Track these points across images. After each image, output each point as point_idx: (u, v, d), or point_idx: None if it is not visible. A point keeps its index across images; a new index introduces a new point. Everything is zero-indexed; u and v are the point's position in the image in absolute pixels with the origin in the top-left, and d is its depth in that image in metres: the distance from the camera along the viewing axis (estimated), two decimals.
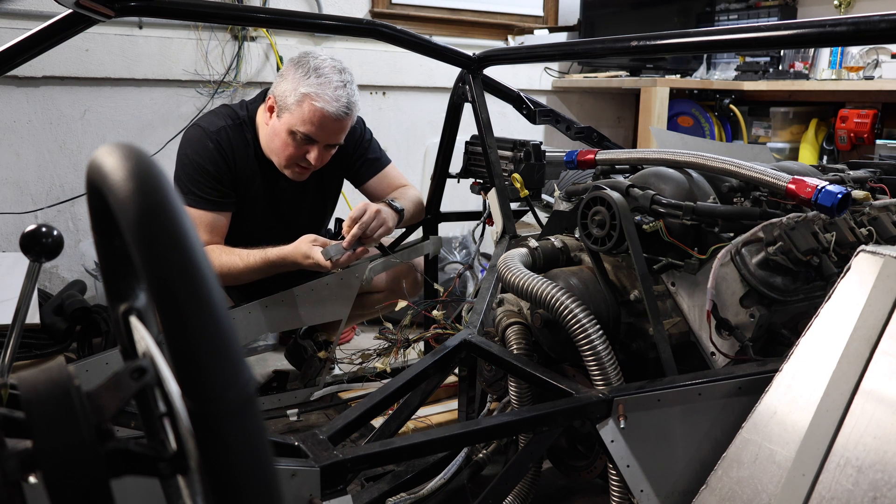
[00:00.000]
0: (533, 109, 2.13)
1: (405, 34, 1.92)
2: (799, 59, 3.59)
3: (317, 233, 1.93)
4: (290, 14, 2.21)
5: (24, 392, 0.41)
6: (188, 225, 0.42)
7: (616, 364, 1.27)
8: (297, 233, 1.92)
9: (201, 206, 1.92)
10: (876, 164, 1.89)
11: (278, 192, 2.06)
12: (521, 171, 1.95)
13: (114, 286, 0.58)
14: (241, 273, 1.91)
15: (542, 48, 2.62)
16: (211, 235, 1.95)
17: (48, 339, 2.19)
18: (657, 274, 1.40)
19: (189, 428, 0.40)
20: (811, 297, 1.36)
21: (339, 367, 2.25)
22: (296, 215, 2.14)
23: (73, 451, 0.40)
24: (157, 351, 0.48)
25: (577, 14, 3.78)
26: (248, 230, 2.05)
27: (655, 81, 3.37)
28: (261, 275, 1.93)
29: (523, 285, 1.32)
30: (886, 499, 0.90)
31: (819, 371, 1.03)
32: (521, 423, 1.23)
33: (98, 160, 0.46)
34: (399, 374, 1.36)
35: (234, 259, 1.90)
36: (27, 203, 2.68)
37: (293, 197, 2.10)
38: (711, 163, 1.42)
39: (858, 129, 3.24)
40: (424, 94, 3.42)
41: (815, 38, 1.30)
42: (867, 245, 1.10)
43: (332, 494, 1.03)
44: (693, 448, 1.23)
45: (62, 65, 2.62)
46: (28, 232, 0.96)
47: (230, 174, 1.96)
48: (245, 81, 2.96)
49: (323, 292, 2.00)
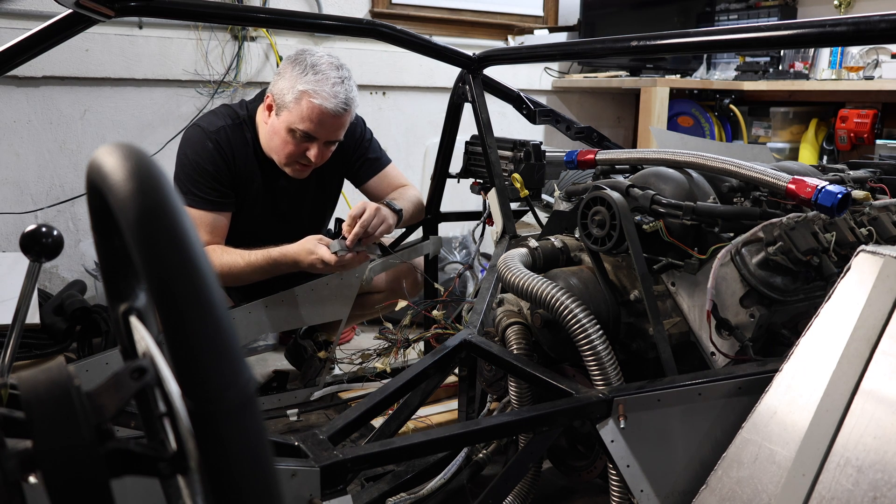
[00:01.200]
0: (533, 109, 2.13)
1: (405, 34, 1.92)
2: (799, 59, 3.59)
3: (317, 232, 1.93)
4: (290, 14, 2.21)
5: (24, 392, 0.41)
6: (188, 225, 0.42)
7: (616, 364, 1.27)
8: (297, 232, 1.92)
9: (201, 207, 1.92)
10: (876, 164, 1.89)
11: (278, 191, 2.06)
12: (521, 171, 1.95)
13: (114, 286, 0.57)
14: (243, 272, 1.90)
15: (542, 48, 2.62)
16: (211, 236, 1.94)
17: (48, 339, 2.19)
18: (657, 274, 1.40)
19: (189, 428, 0.40)
20: (811, 297, 1.36)
21: (339, 367, 2.25)
22: (296, 215, 2.14)
23: (73, 452, 0.40)
24: (157, 351, 0.48)
25: (577, 14, 3.78)
26: (248, 230, 2.04)
27: (655, 81, 3.37)
28: (263, 275, 1.92)
29: (523, 285, 1.32)
30: (886, 499, 0.90)
31: (819, 371, 1.03)
32: (521, 423, 1.23)
33: (98, 160, 0.46)
34: (399, 374, 1.36)
35: (236, 258, 1.90)
36: (27, 203, 2.68)
37: (293, 196, 2.10)
38: (711, 163, 1.42)
39: (858, 129, 3.24)
40: (424, 94, 3.42)
41: (815, 38, 1.30)
42: (867, 245, 1.10)
43: (332, 494, 1.03)
44: (693, 448, 1.23)
45: (62, 65, 2.62)
46: (28, 232, 0.96)
47: (230, 174, 1.96)
48: (245, 81, 2.96)
49: (323, 292, 2.00)
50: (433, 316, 1.71)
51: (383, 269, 2.08)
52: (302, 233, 1.91)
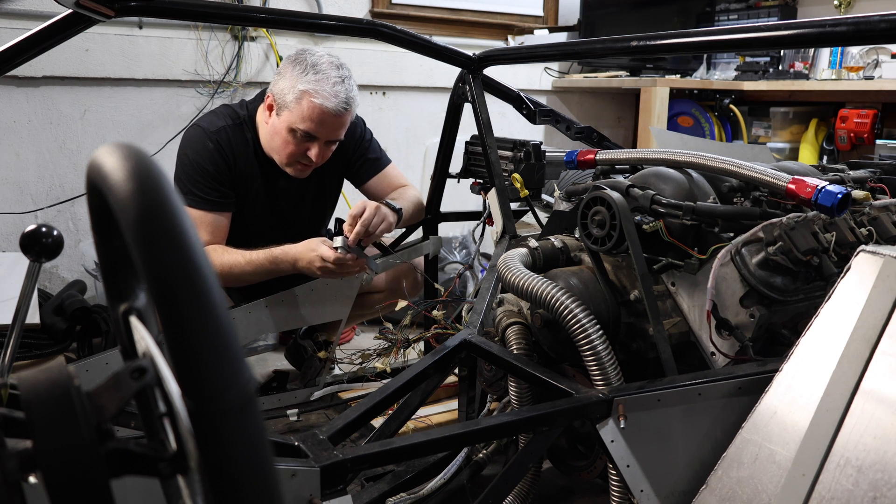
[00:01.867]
0: (533, 109, 2.13)
1: (405, 34, 1.92)
2: (799, 59, 3.59)
3: (317, 232, 1.92)
4: (290, 14, 2.21)
5: (24, 392, 0.41)
6: (188, 225, 0.42)
7: (616, 364, 1.27)
8: (298, 232, 1.92)
9: (201, 207, 1.92)
10: (876, 164, 1.89)
11: (278, 191, 2.06)
12: (521, 171, 1.95)
13: (114, 286, 0.57)
14: (244, 272, 1.90)
15: (542, 48, 2.62)
16: (212, 236, 1.94)
17: (48, 339, 2.19)
18: (657, 274, 1.40)
19: (189, 428, 0.40)
20: (811, 297, 1.36)
21: (339, 367, 2.25)
22: (296, 215, 2.14)
23: (73, 452, 0.40)
24: (157, 351, 0.48)
25: (577, 14, 3.78)
26: (249, 230, 2.04)
27: (655, 81, 3.37)
28: (265, 275, 1.92)
29: (523, 285, 1.32)
30: (886, 499, 0.90)
31: (819, 371, 1.03)
32: (521, 423, 1.23)
33: (98, 160, 0.46)
34: (399, 374, 1.36)
35: (237, 258, 1.89)
36: (27, 203, 2.68)
37: (293, 196, 2.10)
38: (711, 163, 1.42)
39: (858, 129, 3.24)
40: (424, 94, 3.42)
41: (815, 38, 1.30)
42: (867, 245, 1.10)
43: (332, 494, 1.03)
44: (693, 448, 1.23)
45: (62, 65, 2.62)
46: (28, 232, 0.96)
47: (230, 174, 1.96)
48: (245, 81, 2.96)
49: (323, 292, 2.00)
50: (433, 316, 1.71)
51: (384, 268, 2.08)
52: (302, 232, 1.91)
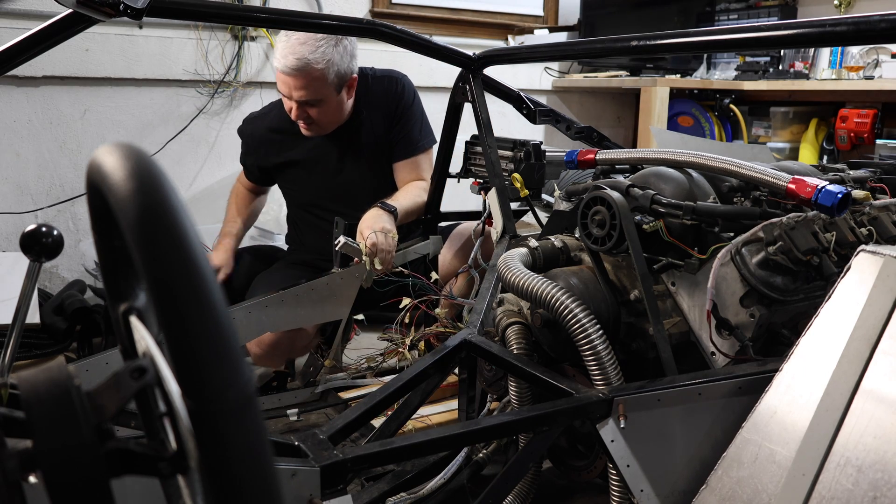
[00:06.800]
0: (533, 109, 2.13)
1: (405, 34, 1.92)
2: (799, 59, 3.59)
3: (376, 197, 2.05)
4: (290, 14, 2.20)
5: (24, 392, 0.41)
6: (188, 225, 0.42)
7: (616, 364, 1.27)
8: (353, 196, 2.14)
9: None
10: (876, 164, 1.89)
11: (318, 157, 2.20)
12: (521, 171, 1.95)
13: (114, 286, 0.58)
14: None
15: (542, 48, 2.61)
16: (240, 183, 2.36)
17: (48, 339, 2.19)
18: (657, 274, 1.40)
19: (189, 428, 0.40)
20: (811, 297, 1.36)
21: (339, 367, 2.24)
22: (342, 175, 2.22)
23: (73, 451, 0.40)
24: (157, 351, 0.48)
25: (577, 14, 3.78)
26: (304, 198, 2.26)
27: (655, 81, 3.37)
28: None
29: (523, 285, 1.32)
30: (886, 498, 0.90)
31: (819, 371, 1.03)
32: (521, 423, 1.23)
33: (98, 160, 0.46)
34: (399, 374, 1.36)
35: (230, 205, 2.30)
36: (27, 203, 2.68)
37: (330, 158, 2.21)
38: (711, 163, 1.42)
39: (858, 129, 3.24)
40: (424, 94, 3.39)
41: (815, 38, 1.30)
42: (867, 245, 1.10)
43: (332, 494, 1.03)
44: (693, 448, 1.23)
45: (62, 65, 2.62)
46: (28, 232, 0.96)
47: (255, 141, 2.24)
48: (245, 81, 2.96)
49: (323, 292, 2.00)
50: (435, 314, 1.71)
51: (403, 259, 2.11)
52: (354, 193, 2.15)
